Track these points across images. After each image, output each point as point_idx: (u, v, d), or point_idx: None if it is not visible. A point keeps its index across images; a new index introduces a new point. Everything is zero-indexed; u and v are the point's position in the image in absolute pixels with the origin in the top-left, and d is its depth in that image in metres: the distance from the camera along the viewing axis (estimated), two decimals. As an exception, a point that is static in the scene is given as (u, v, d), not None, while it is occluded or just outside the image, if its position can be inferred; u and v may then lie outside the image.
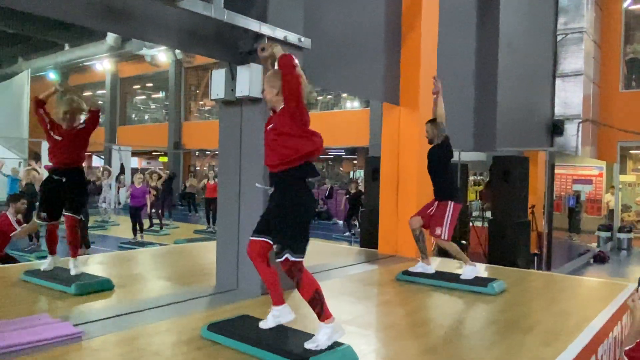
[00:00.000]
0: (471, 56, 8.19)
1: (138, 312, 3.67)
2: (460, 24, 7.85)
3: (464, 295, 4.51)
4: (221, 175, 4.66)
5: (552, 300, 4.48)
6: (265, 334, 2.99)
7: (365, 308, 4.07)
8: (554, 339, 3.33)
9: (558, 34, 11.88)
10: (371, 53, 6.03)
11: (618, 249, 12.92)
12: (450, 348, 3.14)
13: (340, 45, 5.44)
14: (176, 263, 6.07)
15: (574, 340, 3.27)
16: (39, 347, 2.84)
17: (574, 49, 11.74)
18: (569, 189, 13.33)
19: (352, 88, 5.75)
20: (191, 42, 4.05)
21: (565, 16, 11.82)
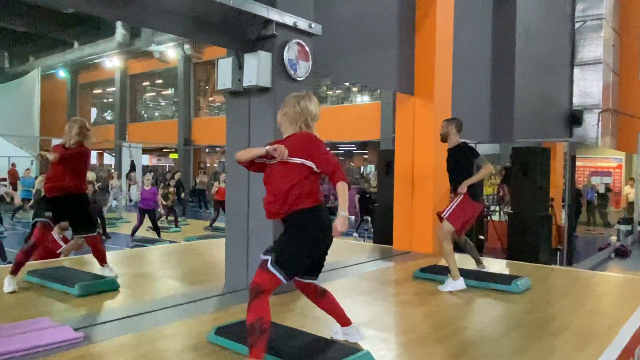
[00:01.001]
0: (487, 44, 7.94)
1: (143, 315, 3.50)
2: (476, 11, 7.61)
3: (487, 293, 4.28)
4: (229, 170, 4.47)
5: (581, 299, 4.24)
6: (276, 338, 2.79)
7: (382, 309, 3.86)
8: (587, 342, 3.10)
9: (576, 21, 11.56)
10: (384, 40, 5.80)
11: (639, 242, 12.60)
12: (476, 353, 2.92)
13: (352, 32, 5.22)
14: (185, 261, 5.91)
15: (610, 344, 3.04)
16: (34, 353, 2.68)
17: (593, 36, 11.43)
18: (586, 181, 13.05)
19: (364, 77, 5.54)
20: (196, 29, 3.85)
21: (584, 2, 11.51)
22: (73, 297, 3.88)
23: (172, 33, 3.89)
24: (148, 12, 3.58)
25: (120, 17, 3.37)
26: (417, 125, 6.31)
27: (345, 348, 2.67)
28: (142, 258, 6.00)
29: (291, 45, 4.12)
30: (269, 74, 4.00)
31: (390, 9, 5.88)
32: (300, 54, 4.20)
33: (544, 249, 7.14)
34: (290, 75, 4.13)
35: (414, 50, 6.26)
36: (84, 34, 21.78)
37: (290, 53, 4.11)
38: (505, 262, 6.06)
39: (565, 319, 3.61)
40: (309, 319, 3.48)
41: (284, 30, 4.07)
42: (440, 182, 6.30)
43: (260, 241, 4.17)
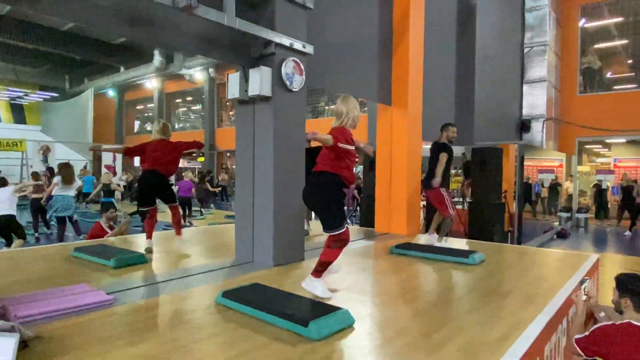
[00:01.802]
0: (452, 64, 7.86)
1: (164, 282, 3.44)
2: (443, 37, 7.52)
3: (449, 265, 4.21)
4: (238, 164, 4.40)
5: (526, 269, 4.17)
6: (272, 300, 2.73)
7: (362, 277, 3.79)
8: (530, 302, 3.03)
9: (525, 47, 11.48)
10: (367, 60, 5.73)
11: (577, 227, 12.55)
12: (437, 312, 2.85)
13: (340, 52, 5.15)
14: (205, 241, 5.84)
15: (548, 303, 2.97)
16: (76, 312, 2.63)
17: (539, 59, 11.34)
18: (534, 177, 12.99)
19: (350, 90, 5.44)
20: (210, 49, 3.78)
21: (531, 32, 11.42)
22: (109, 268, 3.81)
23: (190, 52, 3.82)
24: (170, 35, 3.51)
25: (149, 40, 3.30)
26: (394, 129, 6.24)
27: (328, 307, 2.61)
28: (170, 238, 5.93)
29: (288, 62, 4.04)
30: (270, 86, 3.93)
31: (372, 33, 5.80)
32: (296, 69, 4.13)
33: (497, 231, 7.07)
34: (287, 87, 4.06)
35: (391, 67, 6.18)
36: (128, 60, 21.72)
37: (287, 68, 4.04)
38: (465, 241, 5.99)
39: (512, 284, 3.55)
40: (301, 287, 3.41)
41: (282, 50, 4.00)
42: (413, 176, 6.25)
43: (262, 224, 4.11)
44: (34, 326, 2.36)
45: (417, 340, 2.33)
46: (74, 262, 4.12)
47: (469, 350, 2.21)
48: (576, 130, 12.94)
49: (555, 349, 2.83)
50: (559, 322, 2.93)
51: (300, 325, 2.36)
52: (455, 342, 2.31)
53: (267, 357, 2.09)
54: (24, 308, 2.55)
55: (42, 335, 2.27)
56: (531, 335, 2.41)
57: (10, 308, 2.53)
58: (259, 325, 2.48)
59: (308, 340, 2.29)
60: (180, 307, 2.84)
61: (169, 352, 2.12)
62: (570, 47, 13.34)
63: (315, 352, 2.17)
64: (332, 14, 5.00)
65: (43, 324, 2.42)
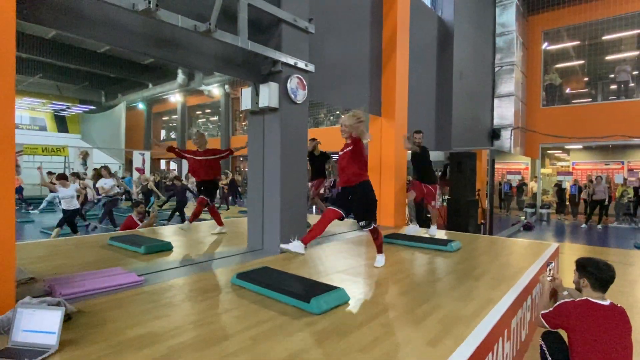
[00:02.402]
0: (433, 80, 7.87)
1: (187, 266, 3.45)
2: (425, 56, 7.54)
3: (430, 252, 4.23)
4: (250, 166, 4.42)
5: (496, 255, 4.18)
6: (278, 281, 2.75)
7: (356, 262, 3.80)
8: (499, 283, 3.05)
9: (496, 66, 11.48)
10: (360, 76, 5.75)
11: (540, 221, 12.54)
12: (420, 291, 2.86)
13: (337, 69, 5.17)
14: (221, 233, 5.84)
15: (514, 285, 2.99)
16: (110, 291, 2.65)
17: (507, 77, 11.33)
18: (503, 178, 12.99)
19: (345, 102, 5.47)
20: (225, 67, 3.80)
21: (501, 53, 11.42)
22: (140, 254, 3.83)
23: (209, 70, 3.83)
24: (192, 55, 3.53)
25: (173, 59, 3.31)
26: (384, 137, 6.25)
27: (327, 286, 2.62)
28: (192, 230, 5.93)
29: (293, 79, 4.07)
30: (277, 98, 3.95)
31: (364, 53, 5.82)
32: (299, 85, 4.15)
33: (472, 223, 7.06)
34: (292, 100, 4.08)
35: (381, 83, 6.20)
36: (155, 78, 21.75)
37: (292, 84, 4.06)
38: (444, 232, 6.00)
39: (484, 268, 3.56)
40: (305, 269, 3.43)
41: (287, 68, 4.02)
42: (399, 177, 6.26)
43: (270, 217, 4.12)
44: (76, 302, 2.38)
45: (403, 314, 2.35)
46: (109, 249, 4.13)
47: (447, 323, 2.23)
48: (539, 138, 12.95)
49: (521, 322, 2.84)
50: (524, 299, 2.95)
51: (303, 302, 2.37)
52: (435, 316, 2.33)
53: (275, 328, 2.11)
54: (68, 287, 2.57)
55: (83, 310, 2.28)
56: (500, 310, 2.42)
57: (56, 287, 2.55)
58: (268, 302, 2.49)
59: (310, 314, 2.30)
60: (201, 287, 2.85)
61: (192, 323, 2.14)
62: (534, 66, 13.35)
63: (317, 324, 2.18)
64: (330, 37, 5.02)
65: (84, 301, 2.44)
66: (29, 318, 1.93)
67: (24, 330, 1.91)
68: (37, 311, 1.94)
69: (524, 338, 2.91)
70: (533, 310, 3.29)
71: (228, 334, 2.02)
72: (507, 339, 2.46)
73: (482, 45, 10.80)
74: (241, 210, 12.82)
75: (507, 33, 11.39)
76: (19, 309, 1.96)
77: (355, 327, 2.16)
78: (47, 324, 1.90)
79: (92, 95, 24.95)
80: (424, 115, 7.52)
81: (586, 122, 12.15)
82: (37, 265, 3.30)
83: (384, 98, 6.20)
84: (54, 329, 1.88)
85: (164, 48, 3.28)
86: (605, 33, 12.90)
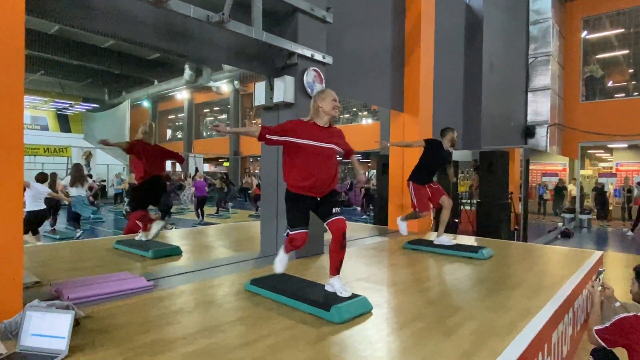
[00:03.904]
0: (460, 74, 7.80)
1: (198, 271, 3.50)
2: (452, 47, 7.48)
3: (459, 259, 4.18)
4: (263, 166, 4.46)
5: (532, 263, 4.10)
6: (296, 287, 2.76)
7: (377, 269, 3.79)
8: (537, 293, 2.99)
9: (530, 57, 11.29)
10: (381, 69, 5.74)
11: (580, 227, 12.24)
12: (450, 300, 2.84)
13: (356, 62, 5.18)
14: (232, 236, 5.91)
15: (554, 295, 2.93)
16: (119, 296, 2.71)
17: (543, 69, 11.13)
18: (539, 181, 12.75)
19: (366, 97, 5.48)
20: (238, 59, 3.85)
21: (535, 43, 11.23)
22: (148, 259, 3.91)
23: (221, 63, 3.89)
24: (204, 47, 3.60)
25: (185, 52, 3.38)
26: (406, 134, 6.23)
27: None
28: (201, 233, 6.04)
29: (309, 72, 4.09)
30: (293, 93, 3.98)
31: (386, 45, 5.82)
32: (316, 78, 4.18)
33: (504, 229, 6.95)
34: (309, 94, 4.10)
35: (404, 76, 6.18)
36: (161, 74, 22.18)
37: (308, 77, 4.09)
38: (474, 238, 5.92)
39: (520, 277, 3.50)
40: (323, 275, 3.44)
41: (304, 60, 4.05)
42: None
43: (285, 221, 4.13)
44: (84, 307, 2.44)
45: (432, 324, 2.33)
46: (115, 253, 4.23)
47: (481, 335, 2.20)
48: (579, 136, 12.66)
49: (562, 336, 2.78)
50: (565, 311, 2.88)
51: (322, 310, 2.38)
52: (467, 327, 2.30)
53: (295, 336, 2.12)
54: (75, 291, 2.64)
55: (92, 315, 2.34)
56: (539, 322, 2.38)
57: (63, 291, 2.62)
58: (284, 310, 2.51)
59: (330, 323, 2.31)
60: (213, 293, 2.89)
61: (204, 331, 2.17)
62: (572, 57, 13.08)
63: (338, 333, 2.19)
64: (349, 27, 5.04)
65: (92, 306, 2.50)
66: (38, 322, 1.99)
67: (33, 334, 1.97)
68: (47, 314, 2.00)
69: (565, 354, 2.85)
70: (575, 324, 3.21)
71: (244, 342, 2.04)
72: (548, 355, 2.42)
73: (515, 34, 10.65)
74: (251, 214, 12.95)
75: (543, 21, 11.20)
76: (27, 312, 2.02)
77: (381, 337, 2.16)
78: (56, 328, 1.96)
79: (96, 92, 25.60)
80: (451, 110, 7.45)
81: (631, 118, 11.83)
82: (42, 270, 3.40)
83: (406, 92, 6.18)
84: (63, 333, 1.94)
85: (175, 40, 3.36)
86: (653, 19, 12.55)
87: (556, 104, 11.87)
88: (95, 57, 18.81)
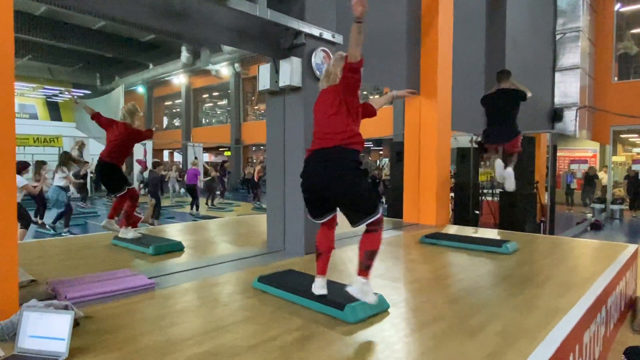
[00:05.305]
0: (481, 52, 7.68)
1: (202, 268, 3.54)
2: (472, 25, 7.35)
3: (481, 254, 4.16)
4: (269, 155, 4.45)
5: (561, 258, 4.07)
6: (308, 285, 2.77)
7: (393, 265, 3.79)
8: (567, 291, 2.97)
9: (557, 33, 11.09)
10: (396, 49, 5.68)
11: (611, 219, 12.13)
12: (472, 298, 2.83)
13: (370, 42, 5.10)
14: (237, 230, 5.95)
15: (586, 292, 2.91)
16: (119, 295, 2.75)
17: (571, 46, 10.93)
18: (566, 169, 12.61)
19: (379, 79, 5.43)
20: (240, 40, 3.83)
21: (564, 17, 11.01)
22: (149, 255, 3.95)
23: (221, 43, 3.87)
24: (203, 27, 3.58)
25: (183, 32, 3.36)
26: (423, 119, 6.18)
27: (363, 292, 2.63)
28: (203, 228, 6.09)
29: (318, 52, 4.06)
30: (300, 76, 3.96)
31: (400, 23, 5.74)
32: (326, 59, 4.14)
33: (529, 221, 6.91)
34: (317, 77, 4.06)
35: (420, 56, 6.10)
36: (156, 58, 22.19)
37: (317, 58, 4.06)
38: (496, 231, 5.90)
39: (548, 273, 3.48)
40: (335, 272, 3.45)
41: (311, 40, 4.02)
42: (442, 167, 6.17)
43: (294, 214, 4.15)
44: (84, 307, 2.48)
45: (454, 324, 2.33)
46: (114, 249, 4.28)
47: (508, 336, 2.20)
48: (611, 119, 12.46)
49: (595, 337, 2.77)
50: (598, 310, 2.87)
51: (336, 309, 2.39)
52: (492, 327, 2.30)
53: (307, 337, 2.13)
54: (74, 290, 2.68)
55: (92, 315, 2.38)
56: (570, 322, 2.37)
57: (60, 290, 2.67)
58: (295, 309, 2.53)
59: (344, 323, 2.32)
60: (219, 291, 2.92)
61: (210, 331, 2.19)
62: (605, 32, 12.81)
63: (354, 334, 2.20)
64: (361, 3, 4.97)
65: (91, 305, 2.54)
66: (36, 322, 2.02)
67: (31, 336, 2.01)
68: (45, 315, 2.04)
69: (598, 355, 2.84)
70: (608, 323, 3.20)
71: (253, 343, 2.06)
72: (579, 356, 2.41)
73: (541, 8, 10.44)
74: (255, 207, 13.01)
75: (571, -7, 10.96)
76: (25, 312, 2.06)
77: (399, 338, 2.16)
78: (55, 330, 1.99)
79: (87, 78, 25.71)
80: (471, 92, 7.35)
81: (670, 99, 11.60)
82: (37, 267, 3.46)
83: (423, 73, 6.12)
84: (63, 335, 1.97)
85: (171, 20, 3.34)
86: (695, -11, 12.22)
87: (586, 84, 11.67)
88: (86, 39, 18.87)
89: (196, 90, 27.08)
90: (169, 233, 5.41)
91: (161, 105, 30.58)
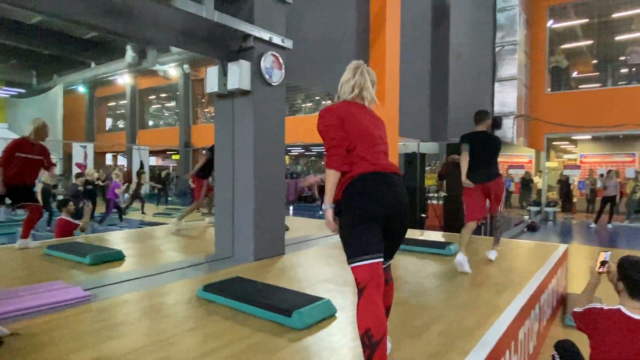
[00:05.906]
0: (427, 62, 7.97)
1: (144, 278, 3.37)
2: (418, 35, 7.62)
3: (427, 256, 4.31)
4: (218, 161, 4.35)
5: (499, 259, 4.29)
6: (255, 292, 2.73)
7: (342, 269, 3.82)
8: (504, 290, 3.14)
9: (496, 46, 11.75)
10: (344, 55, 5.74)
11: (546, 220, 12.99)
12: (417, 300, 2.91)
13: (318, 47, 5.15)
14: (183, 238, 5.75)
15: (522, 290, 3.08)
16: (53, 308, 2.57)
17: (509, 58, 11.63)
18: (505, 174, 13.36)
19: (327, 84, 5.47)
20: (186, 41, 3.72)
21: (502, 31, 11.70)
22: (85, 265, 3.73)
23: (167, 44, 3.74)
24: (147, 27, 3.44)
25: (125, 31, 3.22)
26: (372, 125, 6.29)
27: (310, 297, 2.63)
28: (147, 235, 5.83)
29: (267, 56, 4.03)
30: (249, 79, 3.91)
31: (349, 30, 5.83)
32: (275, 64, 4.12)
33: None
34: (267, 81, 4.04)
35: (369, 63, 6.23)
36: (99, 56, 21.12)
37: (266, 62, 4.03)
38: (441, 234, 6.11)
39: (487, 273, 3.66)
40: (284, 278, 3.42)
41: (261, 44, 3.98)
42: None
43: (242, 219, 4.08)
44: (9, 324, 2.29)
45: (399, 327, 2.38)
46: (47, 259, 4.00)
47: (449, 335, 2.27)
48: (545, 127, 13.37)
49: (529, 333, 2.93)
50: (532, 307, 3.04)
51: (283, 316, 2.37)
52: (436, 328, 2.37)
53: (253, 347, 2.09)
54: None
55: (19, 332, 2.20)
56: (506, 320, 2.49)
57: (-17, 306, 2.45)
58: (242, 317, 2.48)
59: (292, 329, 2.30)
60: (161, 302, 2.80)
61: (152, 344, 2.09)
62: (539, 46, 13.76)
63: (301, 340, 2.19)
64: (311, 9, 5.00)
65: (20, 321, 2.35)
66: (-49, 343, 1.84)
67: (-55, 358, 1.83)
68: (-39, 334, 1.86)
69: (532, 350, 3.01)
70: (542, 319, 3.40)
71: (198, 354, 1.99)
72: (515, 352, 2.54)
73: (482, 21, 11.02)
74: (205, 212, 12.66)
75: (509, 8, 11.68)
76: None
77: (346, 343, 2.18)
78: (-26, 350, 1.82)
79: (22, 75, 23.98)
80: (417, 100, 7.61)
81: (595, 110, 12.63)
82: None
83: (372, 80, 6.24)
84: (-17, 355, 1.81)
85: (114, 17, 3.19)
86: (616, 10, 13.43)
87: (523, 94, 12.45)
88: (20, 34, 17.61)
89: (142, 91, 26.02)
90: (109, 241, 5.13)
91: (104, 106, 29.11)
